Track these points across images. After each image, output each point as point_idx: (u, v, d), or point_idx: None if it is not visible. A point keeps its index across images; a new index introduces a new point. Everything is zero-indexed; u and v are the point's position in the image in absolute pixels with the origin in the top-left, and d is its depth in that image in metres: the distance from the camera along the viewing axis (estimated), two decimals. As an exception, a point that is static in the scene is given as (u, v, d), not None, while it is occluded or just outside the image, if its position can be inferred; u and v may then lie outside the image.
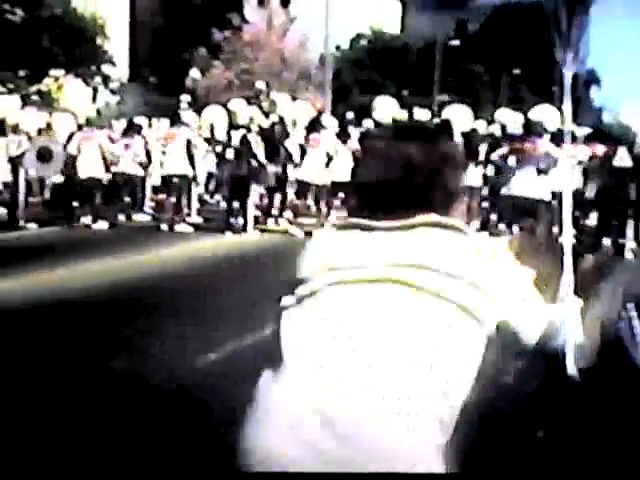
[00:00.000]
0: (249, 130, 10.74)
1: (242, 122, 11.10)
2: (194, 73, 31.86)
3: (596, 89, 47.12)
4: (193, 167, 11.70)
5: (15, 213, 11.14)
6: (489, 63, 44.00)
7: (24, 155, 11.05)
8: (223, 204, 12.21)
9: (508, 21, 43.12)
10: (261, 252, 9.29)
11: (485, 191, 12.15)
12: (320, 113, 13.87)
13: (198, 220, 11.87)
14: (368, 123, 13.80)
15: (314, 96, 30.62)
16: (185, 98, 26.84)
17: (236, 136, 10.81)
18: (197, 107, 26.39)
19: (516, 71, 42.84)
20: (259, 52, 30.82)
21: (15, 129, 11.41)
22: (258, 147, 11.26)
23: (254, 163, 10.54)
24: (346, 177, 11.53)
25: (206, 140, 13.85)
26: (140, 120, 14.23)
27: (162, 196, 14.62)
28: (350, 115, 14.07)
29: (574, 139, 10.89)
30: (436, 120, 14.38)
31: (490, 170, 10.26)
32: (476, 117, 13.03)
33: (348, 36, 44.09)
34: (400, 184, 1.61)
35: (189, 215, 12.02)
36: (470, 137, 11.22)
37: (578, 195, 10.67)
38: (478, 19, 45.96)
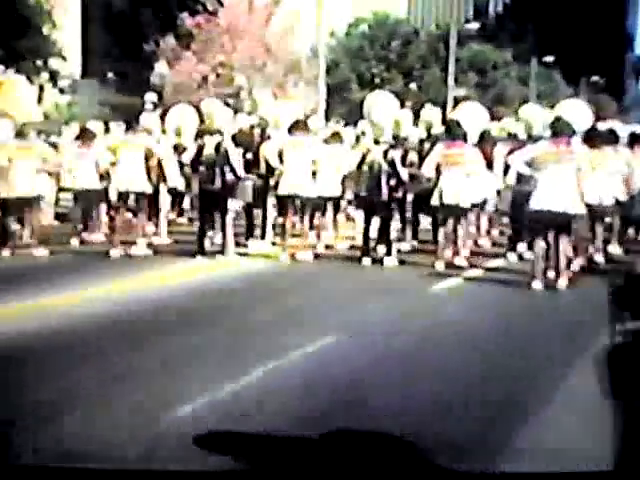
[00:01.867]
0: (222, 135, 10.68)
1: (217, 126, 11.04)
2: (161, 67, 32.03)
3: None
4: (163, 180, 11.67)
5: None
6: (515, 50, 44.44)
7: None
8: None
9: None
10: (243, 282, 9.26)
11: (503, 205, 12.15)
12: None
13: (165, 241, 11.84)
14: (363, 125, 13.79)
15: (305, 93, 30.81)
16: (150, 97, 27.02)
17: (210, 143, 10.75)
18: (165, 108, 26.55)
19: (548, 58, 43.20)
20: (238, 41, 31.00)
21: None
22: (235, 156, 11.25)
23: (230, 175, 10.49)
24: (336, 191, 11.57)
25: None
26: (96, 125, 14.24)
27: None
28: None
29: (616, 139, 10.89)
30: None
31: (510, 178, 10.30)
32: (494, 118, 13.04)
33: (345, 21, 44.46)
34: None
35: (156, 235, 11.99)
36: (484, 139, 11.20)
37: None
38: (500, -3, 46.38)
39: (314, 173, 10.80)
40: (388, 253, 10.39)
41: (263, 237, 12.00)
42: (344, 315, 7.54)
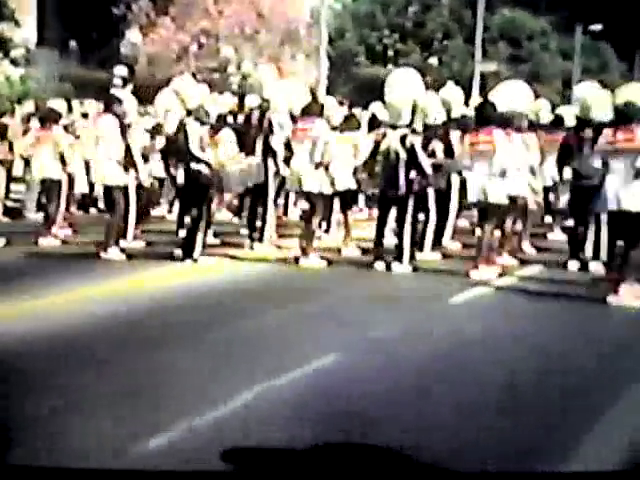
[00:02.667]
0: (200, 120, 10.72)
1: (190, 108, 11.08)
2: (133, 36, 32.12)
3: None
4: (134, 170, 11.73)
5: None
6: (555, 17, 44.48)
7: None
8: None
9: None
10: (227, 290, 9.30)
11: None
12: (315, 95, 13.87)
13: (135, 245, 11.90)
14: (376, 107, 13.84)
15: (304, 66, 30.88)
16: (119, 71, 27.11)
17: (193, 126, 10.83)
18: (137, 83, 26.61)
19: (596, 27, 43.27)
20: (225, 5, 31.09)
21: None
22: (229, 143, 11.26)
23: (197, 165, 10.54)
24: (349, 184, 11.61)
25: (154, 131, 13.89)
26: (56, 103, 14.30)
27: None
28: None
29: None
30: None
31: (567, 172, 10.25)
32: (537, 96, 13.05)
33: (352, -19, 44.55)
34: None
35: (124, 237, 12.06)
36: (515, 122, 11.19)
37: None
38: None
39: (326, 166, 10.90)
40: (399, 258, 10.46)
41: (261, 239, 12.09)
42: (346, 331, 7.62)
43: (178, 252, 10.89)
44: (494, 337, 7.55)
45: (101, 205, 12.95)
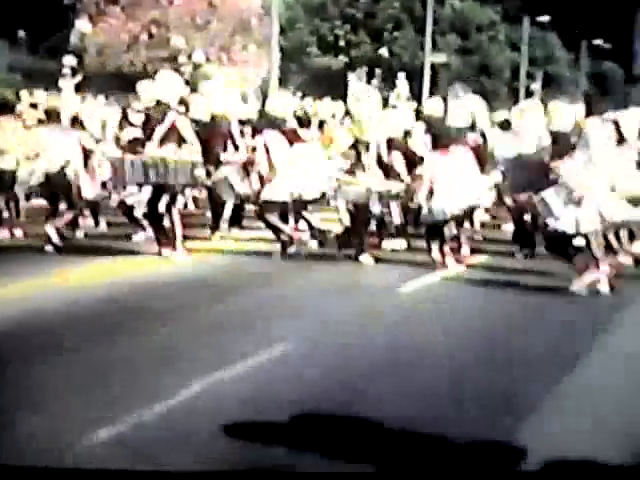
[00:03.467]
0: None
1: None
2: (82, 25, 31.74)
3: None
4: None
5: None
6: (503, 8, 44.75)
7: None
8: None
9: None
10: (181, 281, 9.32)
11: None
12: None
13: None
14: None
15: (256, 56, 30.78)
16: (69, 61, 26.79)
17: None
18: (86, 73, 26.32)
19: (543, 18, 43.58)
20: (176, -6, 30.85)
21: None
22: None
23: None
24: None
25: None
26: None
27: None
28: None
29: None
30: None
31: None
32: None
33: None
34: None
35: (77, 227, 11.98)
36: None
37: None
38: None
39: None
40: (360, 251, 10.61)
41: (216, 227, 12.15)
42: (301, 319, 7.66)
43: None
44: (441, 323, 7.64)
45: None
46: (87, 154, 11.84)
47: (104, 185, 11.95)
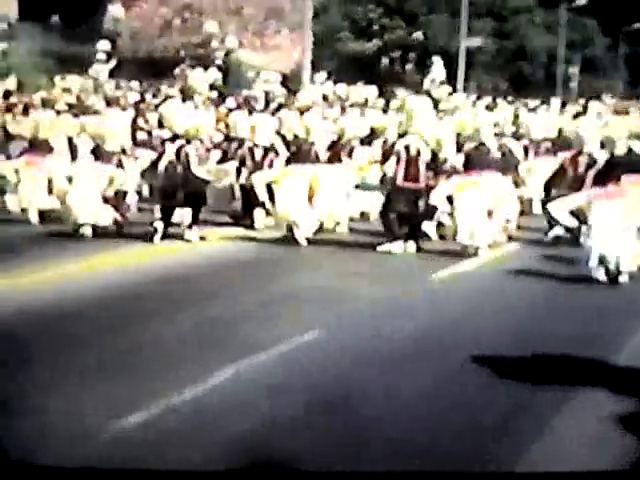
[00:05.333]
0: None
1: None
2: (115, 10, 31.83)
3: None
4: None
5: None
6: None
7: None
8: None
9: None
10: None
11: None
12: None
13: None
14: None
15: (289, 41, 30.70)
16: (103, 46, 26.91)
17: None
18: (120, 58, 26.41)
19: (580, 1, 43.04)
20: (209, -21, 30.87)
21: None
22: None
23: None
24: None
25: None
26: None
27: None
28: None
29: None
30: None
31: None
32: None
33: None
34: None
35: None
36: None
37: None
38: None
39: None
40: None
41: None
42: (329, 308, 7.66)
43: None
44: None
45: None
46: None
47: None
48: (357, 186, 11.84)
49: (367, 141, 14.16)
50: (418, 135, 10.77)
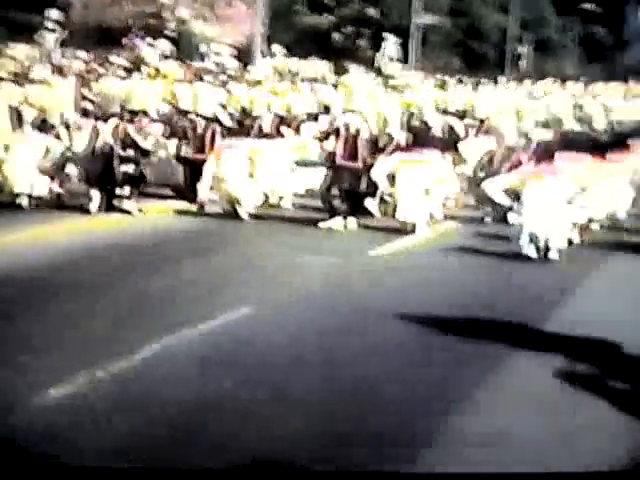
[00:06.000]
0: None
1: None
2: (67, -22, 31.30)
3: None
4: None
5: None
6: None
7: None
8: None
9: None
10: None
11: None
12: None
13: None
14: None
15: (241, 13, 30.44)
16: (52, 14, 26.48)
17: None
18: (70, 27, 26.00)
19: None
20: (161, -52, 30.42)
21: None
22: None
23: None
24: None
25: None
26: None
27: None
28: None
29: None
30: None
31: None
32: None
33: None
34: None
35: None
36: None
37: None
38: None
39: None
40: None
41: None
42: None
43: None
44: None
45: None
46: None
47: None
48: (297, 162, 11.86)
49: (315, 117, 14.21)
50: (359, 112, 10.82)
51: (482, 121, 13.72)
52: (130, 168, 10.93)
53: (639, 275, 8.65)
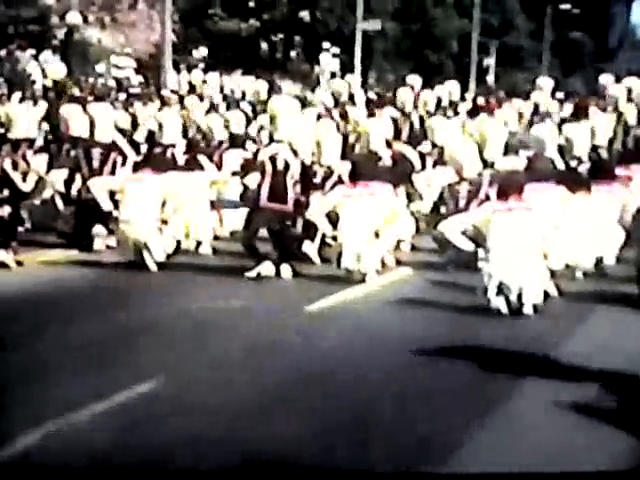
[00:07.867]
0: None
1: None
2: None
3: None
4: None
5: None
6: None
7: None
8: None
9: None
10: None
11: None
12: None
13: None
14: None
15: (146, 18, 30.53)
16: None
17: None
18: None
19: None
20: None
21: None
22: None
23: None
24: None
25: None
26: None
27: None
28: None
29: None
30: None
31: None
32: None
33: None
34: None
35: None
36: None
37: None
38: None
39: None
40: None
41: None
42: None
43: None
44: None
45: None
46: None
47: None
48: (212, 204, 11.82)
49: (241, 144, 14.26)
50: (287, 142, 10.80)
51: (442, 148, 13.82)
52: (4, 212, 10.84)
53: (631, 335, 8.60)
